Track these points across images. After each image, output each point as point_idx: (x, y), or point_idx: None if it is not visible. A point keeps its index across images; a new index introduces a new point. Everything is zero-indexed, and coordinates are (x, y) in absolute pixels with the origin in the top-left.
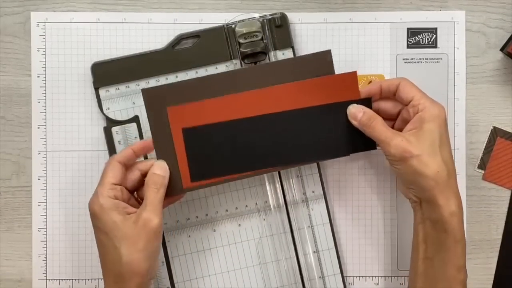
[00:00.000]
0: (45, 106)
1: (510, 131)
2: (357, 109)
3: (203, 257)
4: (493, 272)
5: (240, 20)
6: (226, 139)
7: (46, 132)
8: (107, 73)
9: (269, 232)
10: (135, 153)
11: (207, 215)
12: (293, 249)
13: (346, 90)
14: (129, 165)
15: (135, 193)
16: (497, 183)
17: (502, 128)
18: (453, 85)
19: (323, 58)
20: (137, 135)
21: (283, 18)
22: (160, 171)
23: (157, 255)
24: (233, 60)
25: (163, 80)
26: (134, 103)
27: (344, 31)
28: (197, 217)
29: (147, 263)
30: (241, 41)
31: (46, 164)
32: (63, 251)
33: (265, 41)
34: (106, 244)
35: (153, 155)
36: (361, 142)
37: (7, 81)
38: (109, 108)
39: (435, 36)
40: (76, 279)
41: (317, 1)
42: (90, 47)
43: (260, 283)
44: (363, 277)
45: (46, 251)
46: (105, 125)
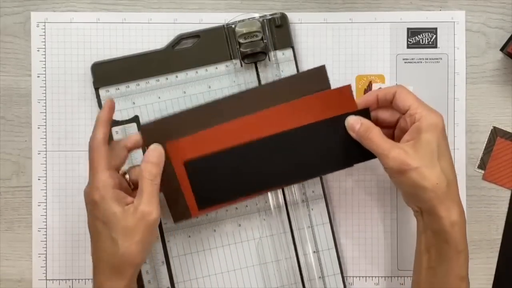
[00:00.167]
0: (45, 106)
1: (510, 131)
2: (354, 121)
3: (203, 257)
4: (493, 272)
5: (240, 20)
6: (228, 166)
7: (46, 132)
8: (107, 73)
9: (269, 232)
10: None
11: (207, 215)
12: (293, 249)
13: (343, 104)
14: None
15: (127, 176)
16: (497, 183)
17: (502, 128)
18: (453, 85)
19: (318, 74)
20: None
21: (283, 18)
22: (154, 158)
23: (151, 247)
24: (233, 60)
25: (163, 80)
26: (134, 103)
27: (344, 31)
28: (197, 217)
29: (143, 255)
30: (241, 41)
31: (46, 164)
32: (63, 251)
33: (265, 41)
34: (103, 233)
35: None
36: (361, 153)
37: (7, 81)
38: None
39: (435, 36)
40: (76, 279)
41: (317, 1)
42: (90, 47)
43: (260, 283)
44: (363, 277)
45: (46, 251)
46: None
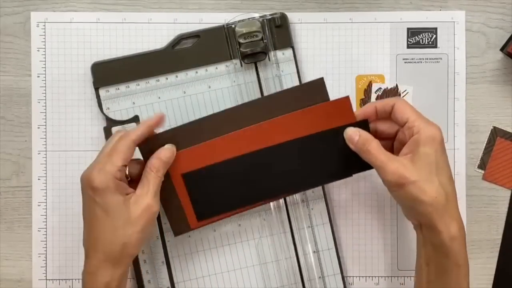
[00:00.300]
0: (45, 106)
1: (510, 131)
2: (353, 132)
3: (203, 257)
4: (493, 272)
5: (240, 20)
6: (226, 177)
7: (46, 132)
8: (107, 73)
9: (269, 232)
10: (151, 131)
11: None
12: (293, 249)
13: (342, 115)
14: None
15: (126, 168)
16: (497, 183)
17: (502, 128)
18: (453, 85)
19: (317, 86)
20: None
21: (283, 18)
22: (165, 158)
23: (145, 241)
24: (233, 60)
25: (163, 80)
26: (134, 103)
27: (344, 31)
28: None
29: (140, 246)
30: (241, 41)
31: (46, 164)
32: (63, 251)
33: (265, 41)
34: (102, 221)
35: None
36: (360, 163)
37: (7, 81)
38: (109, 108)
39: (435, 36)
40: (76, 279)
41: (317, 1)
42: (90, 47)
43: (260, 283)
44: (363, 277)
45: (46, 251)
46: (105, 125)
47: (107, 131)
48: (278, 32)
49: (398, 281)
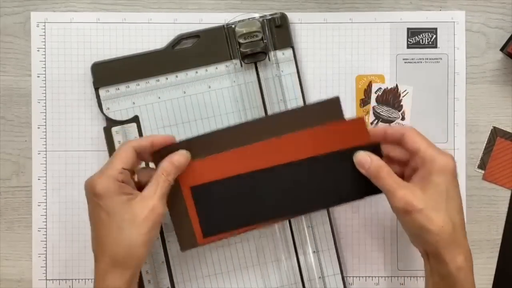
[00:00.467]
0: (45, 106)
1: (510, 131)
2: (364, 157)
3: (203, 257)
4: (493, 272)
5: (240, 20)
6: (235, 193)
7: (46, 132)
8: (107, 73)
9: (269, 232)
10: (154, 147)
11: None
12: (293, 249)
13: (356, 135)
14: (143, 154)
15: (135, 176)
16: (497, 183)
17: (502, 128)
18: (453, 85)
19: (332, 104)
20: (137, 135)
21: (283, 18)
22: (177, 162)
23: (152, 244)
24: (233, 60)
25: (163, 80)
26: (134, 103)
27: (344, 31)
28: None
29: (145, 249)
30: (241, 41)
31: (46, 164)
32: (63, 251)
33: (265, 41)
34: (107, 223)
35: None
36: (370, 187)
37: (7, 81)
38: (109, 108)
39: (435, 36)
40: (76, 279)
41: (317, 1)
42: (90, 47)
43: (260, 283)
44: (363, 277)
45: (46, 251)
46: (105, 125)
47: (107, 131)
48: (278, 32)
49: (398, 281)
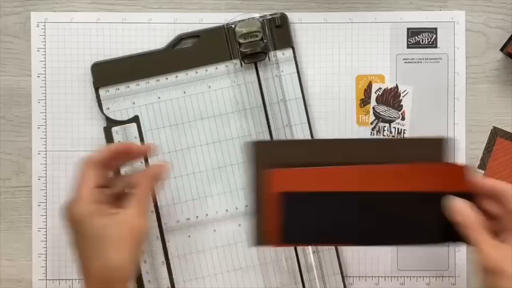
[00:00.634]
0: (45, 106)
1: (510, 131)
2: (460, 205)
3: (203, 257)
4: None
5: (240, 20)
6: (325, 209)
7: (46, 132)
8: (107, 73)
9: None
10: (115, 155)
11: (207, 215)
12: (293, 249)
13: (453, 180)
14: (111, 164)
15: (114, 187)
16: None
17: (502, 128)
18: (453, 85)
19: (436, 144)
20: (137, 135)
21: (283, 18)
22: (158, 175)
23: (138, 260)
24: (233, 60)
25: (163, 80)
26: (134, 103)
27: (344, 31)
28: (197, 217)
29: (131, 267)
30: (241, 41)
31: (46, 164)
32: (63, 251)
33: (265, 41)
34: (90, 248)
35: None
36: (455, 235)
37: (7, 81)
38: (109, 108)
39: (435, 36)
40: (76, 279)
41: (317, 1)
42: (90, 47)
43: (260, 283)
44: (363, 277)
45: (46, 251)
46: (105, 125)
47: (107, 131)
48: (278, 32)
49: (398, 281)
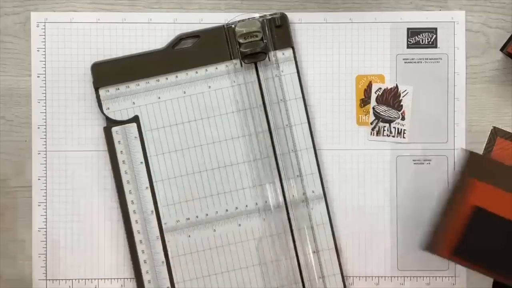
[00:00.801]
0: (45, 106)
1: (510, 131)
2: None
3: (203, 257)
4: None
5: (240, 20)
6: (507, 237)
7: (46, 132)
8: (107, 73)
9: (269, 232)
10: None
11: (207, 215)
12: (293, 249)
13: None
14: None
15: None
16: None
17: (502, 128)
18: (453, 85)
19: None
20: (137, 135)
21: (283, 18)
22: None
23: None
24: (233, 60)
25: (163, 80)
26: (134, 103)
27: (344, 31)
28: (197, 217)
29: None
30: (241, 41)
31: (46, 164)
32: (63, 251)
33: (265, 41)
34: None
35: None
36: None
37: (7, 81)
38: (109, 108)
39: (435, 36)
40: (76, 279)
41: (317, 1)
42: (90, 47)
43: (260, 283)
44: (363, 277)
45: (46, 251)
46: (105, 125)
47: (107, 131)
48: (278, 32)
49: (398, 281)
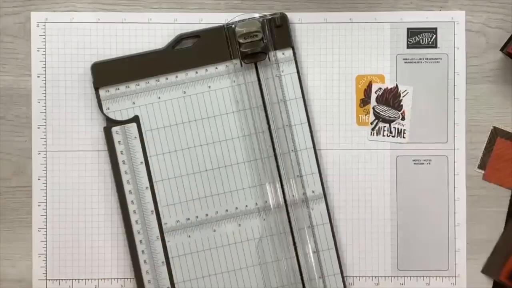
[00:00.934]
0: (45, 106)
1: (510, 131)
2: None
3: (203, 257)
4: None
5: (240, 20)
6: None
7: (46, 132)
8: (107, 73)
9: (269, 232)
10: None
11: (207, 215)
12: (293, 249)
13: None
14: None
15: None
16: (497, 183)
17: (502, 128)
18: (453, 85)
19: None
20: (137, 135)
21: (283, 18)
22: None
23: None
24: (233, 60)
25: (163, 80)
26: (134, 103)
27: (344, 31)
28: (197, 217)
29: None
30: (241, 41)
31: (46, 164)
32: (63, 251)
33: (265, 41)
34: None
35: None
36: None
37: (7, 81)
38: (109, 108)
39: (435, 36)
40: (76, 279)
41: (317, 1)
42: (90, 47)
43: (260, 283)
44: (363, 277)
45: (46, 251)
46: (105, 125)
47: (107, 131)
48: (278, 32)
49: (398, 281)
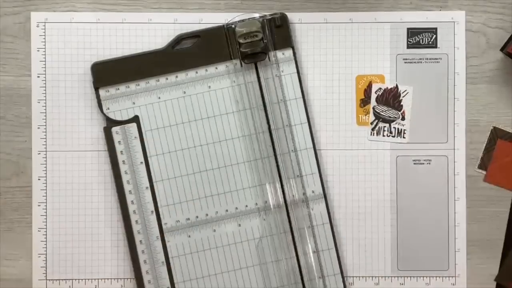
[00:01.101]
0: (45, 106)
1: (510, 131)
2: None
3: (203, 257)
4: (494, 272)
5: (240, 20)
6: None
7: (46, 132)
8: (107, 73)
9: (269, 232)
10: None
11: (207, 215)
12: (293, 249)
13: None
14: None
15: None
16: (498, 185)
17: (502, 128)
18: (453, 85)
19: None
20: (137, 135)
21: (283, 18)
22: None
23: None
24: (233, 60)
25: (163, 80)
26: (134, 103)
27: (344, 31)
28: (197, 217)
29: None
30: (241, 41)
31: (46, 164)
32: (63, 251)
33: (265, 41)
34: None
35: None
36: None
37: (7, 81)
38: (109, 108)
39: (435, 36)
40: (76, 279)
41: (317, 1)
42: (90, 47)
43: (260, 283)
44: (363, 277)
45: (46, 251)
46: (105, 125)
47: (107, 131)
48: (278, 32)
49: (398, 281)
